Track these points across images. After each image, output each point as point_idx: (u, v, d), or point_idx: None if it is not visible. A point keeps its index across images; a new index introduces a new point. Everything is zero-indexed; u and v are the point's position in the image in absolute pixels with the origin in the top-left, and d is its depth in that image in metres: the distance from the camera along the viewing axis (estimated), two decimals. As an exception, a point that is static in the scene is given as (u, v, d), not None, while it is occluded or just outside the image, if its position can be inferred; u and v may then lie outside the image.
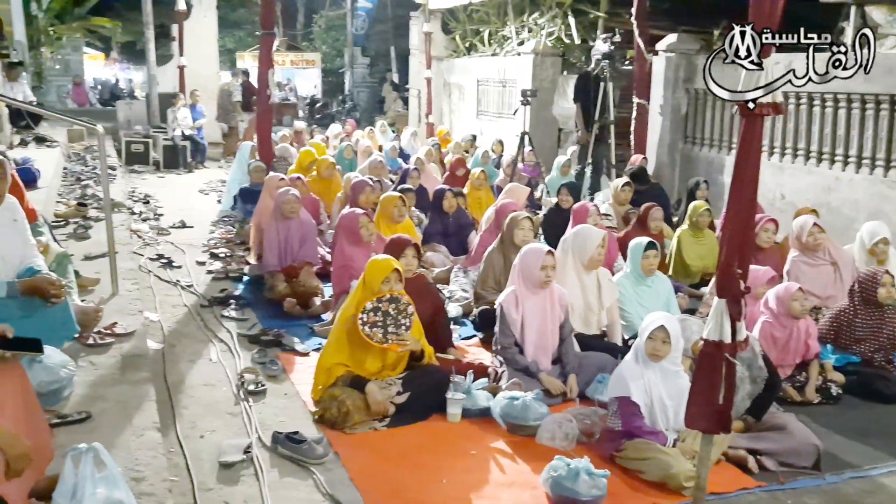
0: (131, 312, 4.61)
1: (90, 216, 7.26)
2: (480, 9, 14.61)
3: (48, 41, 20.42)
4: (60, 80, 20.16)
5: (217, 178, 12.06)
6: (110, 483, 2.32)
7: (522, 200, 6.83)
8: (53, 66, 20.93)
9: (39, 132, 10.48)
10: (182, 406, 3.93)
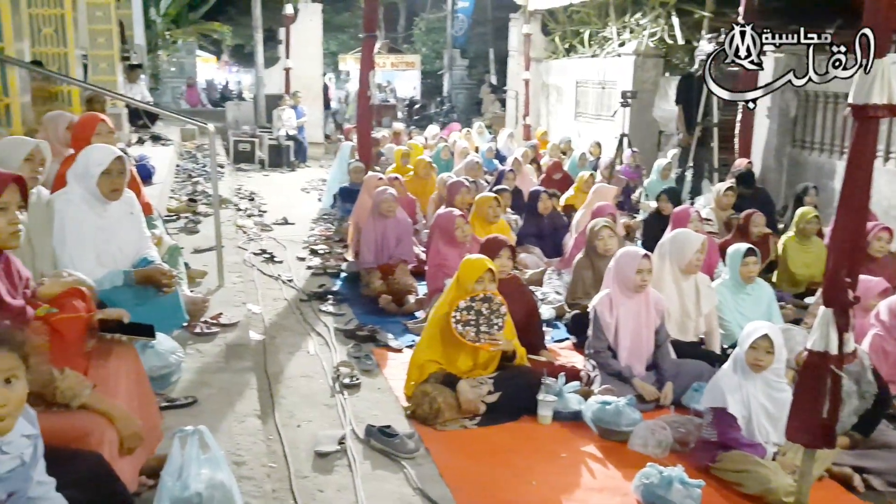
0: (236, 304, 4.81)
1: (199, 211, 7.59)
2: (581, 10, 14.46)
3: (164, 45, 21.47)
4: (175, 81, 21.15)
5: (318, 177, 12.40)
6: (214, 465, 2.43)
7: (611, 200, 6.72)
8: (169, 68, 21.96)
9: (155, 131, 11.03)
10: (280, 396, 4.07)
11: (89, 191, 3.47)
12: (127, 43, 11.78)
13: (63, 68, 6.31)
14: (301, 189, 11.38)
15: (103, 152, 3.47)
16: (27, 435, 1.88)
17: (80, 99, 6.67)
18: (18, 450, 1.84)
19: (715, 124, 8.73)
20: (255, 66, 15.03)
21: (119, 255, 3.59)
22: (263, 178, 12.39)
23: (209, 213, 7.63)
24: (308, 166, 13.80)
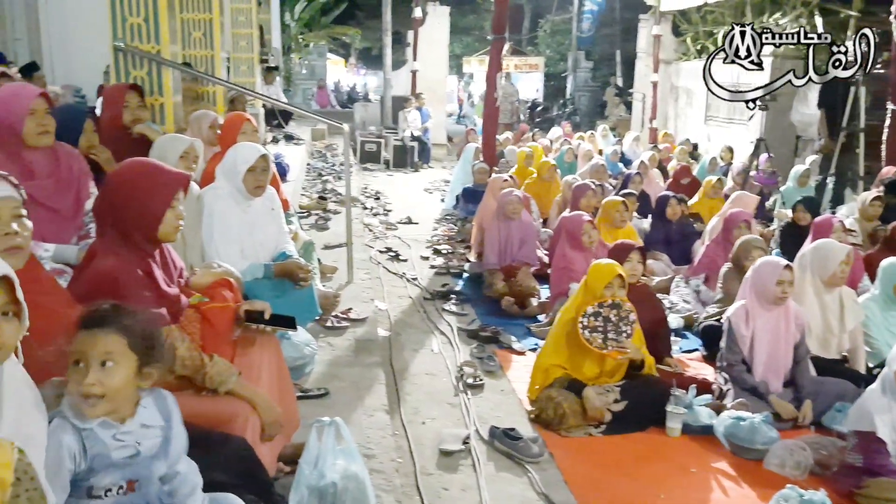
0: (364, 300, 4.93)
1: (329, 209, 7.84)
2: (716, 9, 13.97)
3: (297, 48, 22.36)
4: (306, 83, 21.95)
5: (440, 178, 12.56)
6: (348, 456, 2.49)
7: (751, 210, 6.44)
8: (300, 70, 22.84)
9: (288, 131, 11.48)
10: (406, 392, 4.13)
11: (236, 187, 3.64)
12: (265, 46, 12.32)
13: (209, 70, 6.67)
14: (424, 189, 11.56)
15: (250, 150, 3.64)
16: (148, 425, 1.85)
17: (224, 99, 7.03)
18: (135, 439, 1.80)
19: (861, 129, 8.22)
20: (383, 68, 15.38)
21: (260, 249, 3.75)
22: (388, 177, 12.65)
23: (338, 211, 7.88)
24: (431, 167, 13.99)
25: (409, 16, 16.08)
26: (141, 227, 2.48)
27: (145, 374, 1.84)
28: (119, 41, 4.61)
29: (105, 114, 3.97)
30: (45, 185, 3.08)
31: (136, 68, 4.71)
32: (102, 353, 1.74)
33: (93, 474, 1.73)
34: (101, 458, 1.74)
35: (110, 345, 1.75)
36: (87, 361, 1.73)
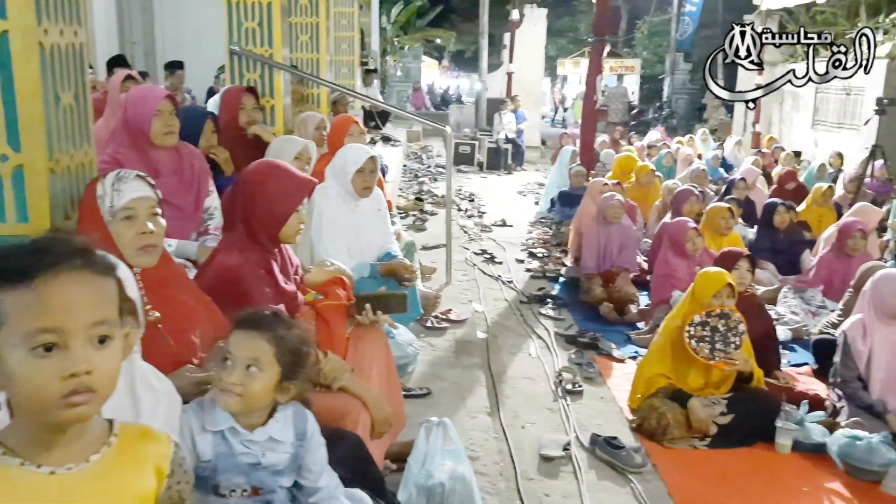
0: (462, 301, 4.96)
1: (426, 210, 7.92)
2: (826, 9, 13.39)
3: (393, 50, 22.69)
4: (401, 85, 22.24)
5: (534, 180, 12.50)
6: (456, 457, 2.51)
7: (872, 224, 6.13)
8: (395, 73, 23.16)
9: (385, 132, 11.66)
10: (504, 395, 4.13)
11: (344, 187, 3.73)
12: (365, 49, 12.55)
13: (314, 72, 6.84)
14: (518, 192, 11.53)
15: (359, 152, 3.72)
16: (277, 440, 1.82)
17: (327, 101, 7.20)
18: (260, 450, 1.79)
19: None
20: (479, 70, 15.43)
21: (366, 249, 3.83)
22: (481, 179, 12.68)
23: (434, 212, 7.95)
24: (524, 169, 13.95)
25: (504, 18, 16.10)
26: (265, 228, 2.58)
27: (284, 388, 1.82)
28: (234, 44, 4.78)
29: (223, 115, 4.13)
30: (169, 183, 3.22)
31: (250, 71, 4.87)
32: (250, 357, 1.76)
33: (218, 472, 1.76)
34: (225, 458, 1.76)
35: (258, 351, 1.76)
36: (234, 361, 1.76)
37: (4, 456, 1.07)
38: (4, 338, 1.04)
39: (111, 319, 1.10)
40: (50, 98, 2.04)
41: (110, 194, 2.00)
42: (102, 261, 1.12)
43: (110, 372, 1.09)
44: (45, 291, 1.04)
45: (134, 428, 1.22)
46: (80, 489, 1.10)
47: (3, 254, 1.07)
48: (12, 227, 2.03)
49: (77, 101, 2.20)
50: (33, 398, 1.04)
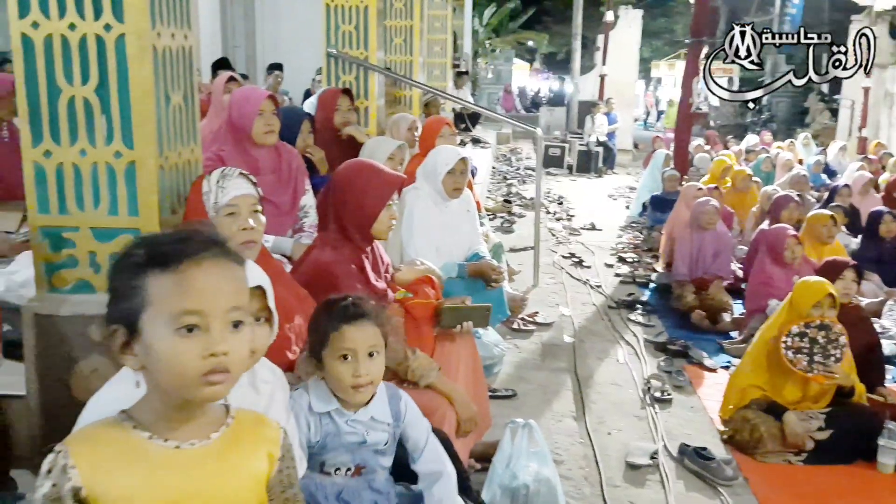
0: (549, 305, 4.93)
1: (514, 212, 7.91)
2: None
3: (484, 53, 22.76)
4: (492, 88, 22.28)
5: (625, 184, 12.31)
6: (541, 459, 2.50)
7: None
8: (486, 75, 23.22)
9: (475, 134, 11.70)
10: (591, 400, 4.08)
11: (435, 188, 3.76)
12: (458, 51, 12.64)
13: (408, 75, 6.93)
14: (608, 195, 11.37)
15: (450, 153, 3.75)
16: (377, 420, 1.91)
17: (419, 103, 7.29)
18: (364, 428, 1.87)
19: None
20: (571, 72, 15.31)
21: (455, 249, 3.85)
22: (571, 182, 12.57)
23: (523, 214, 7.94)
24: (615, 173, 13.75)
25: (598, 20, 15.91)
26: (357, 224, 2.64)
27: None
28: (331, 47, 4.91)
29: (319, 116, 4.24)
30: (268, 181, 3.33)
31: (346, 73, 4.99)
32: (370, 345, 1.83)
33: (325, 451, 1.85)
34: (332, 437, 1.85)
35: (374, 337, 1.84)
36: (355, 354, 1.81)
37: (135, 429, 1.15)
38: (151, 318, 1.11)
39: (244, 306, 1.16)
40: (161, 98, 2.15)
41: (215, 191, 2.09)
42: (236, 252, 1.20)
43: (242, 354, 1.16)
44: (190, 276, 1.11)
45: (249, 413, 1.28)
46: (201, 464, 1.17)
47: (151, 241, 1.15)
48: (124, 220, 2.15)
49: (185, 101, 2.31)
50: (175, 375, 1.11)
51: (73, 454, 1.11)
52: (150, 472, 1.13)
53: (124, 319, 1.13)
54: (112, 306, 1.15)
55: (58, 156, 2.11)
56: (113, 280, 1.16)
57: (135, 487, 1.12)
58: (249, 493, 1.22)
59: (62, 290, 2.20)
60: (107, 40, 2.04)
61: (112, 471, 1.12)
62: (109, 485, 1.11)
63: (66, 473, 1.10)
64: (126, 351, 1.14)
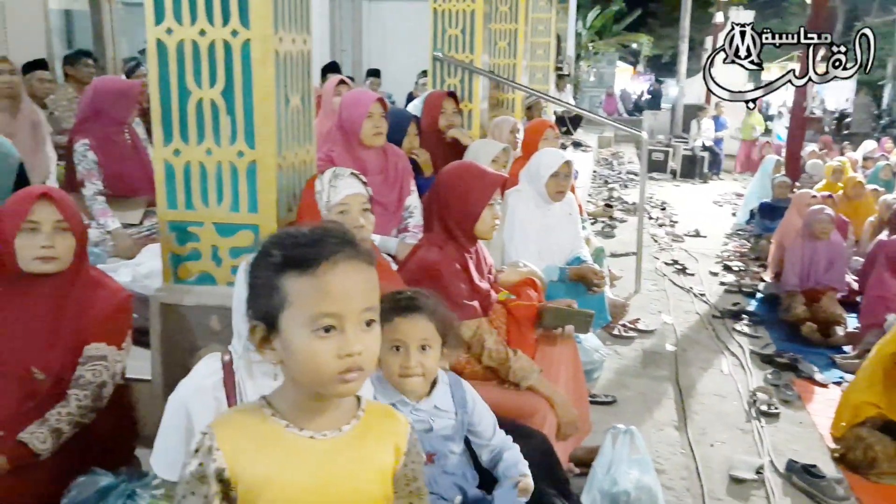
0: (651, 312, 4.85)
1: (615, 217, 7.80)
2: None
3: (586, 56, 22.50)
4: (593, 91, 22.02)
5: (731, 190, 11.94)
6: (642, 467, 2.47)
7: None
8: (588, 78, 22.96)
9: (576, 137, 11.59)
10: (693, 411, 3.99)
11: (537, 191, 3.77)
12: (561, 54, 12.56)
13: (511, 78, 6.95)
14: (713, 202, 11.05)
15: (554, 156, 3.75)
16: (441, 409, 1.96)
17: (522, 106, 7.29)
18: (429, 416, 1.93)
19: None
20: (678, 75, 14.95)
21: (556, 252, 3.84)
22: (674, 188, 12.28)
23: (624, 219, 7.82)
24: (721, 179, 13.34)
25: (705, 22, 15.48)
26: (460, 224, 2.67)
27: (445, 356, 1.96)
28: (438, 51, 4.98)
29: (424, 118, 4.31)
30: (375, 182, 3.41)
31: (451, 76, 5.06)
32: (421, 338, 1.87)
33: None
34: None
35: (427, 330, 1.87)
36: (406, 346, 1.86)
37: (273, 417, 1.21)
38: (290, 318, 1.16)
39: (376, 305, 1.20)
40: (281, 100, 2.25)
41: (327, 190, 2.17)
42: (367, 251, 1.22)
43: (374, 352, 1.20)
44: (327, 279, 1.15)
45: (378, 406, 1.33)
46: (333, 454, 1.21)
47: (287, 242, 1.19)
48: (244, 217, 2.27)
49: (303, 103, 2.40)
50: (312, 373, 1.16)
51: (218, 437, 1.18)
52: (287, 459, 1.19)
53: (264, 317, 1.19)
54: (252, 303, 1.21)
55: (185, 154, 2.24)
56: (252, 278, 1.21)
57: (272, 472, 1.18)
58: (376, 484, 1.26)
59: (186, 282, 2.33)
60: (233, 45, 2.15)
61: (252, 455, 1.18)
62: (250, 468, 1.17)
63: (211, 454, 1.17)
64: (265, 345, 1.20)
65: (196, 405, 1.73)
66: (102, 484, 1.97)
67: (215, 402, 1.73)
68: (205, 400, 1.73)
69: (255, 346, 1.21)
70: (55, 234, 2.09)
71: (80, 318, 2.13)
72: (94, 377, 2.08)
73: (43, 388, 2.09)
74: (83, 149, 3.85)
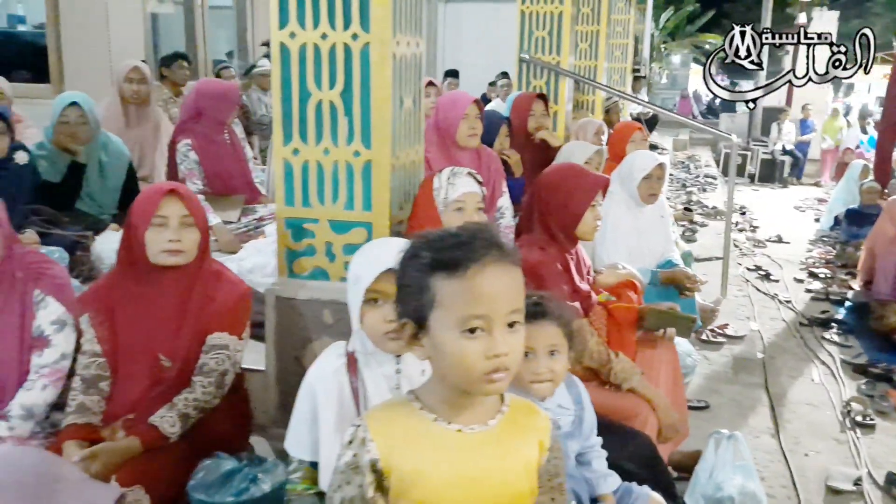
0: (739, 318, 4.77)
1: (695, 221, 7.69)
2: None
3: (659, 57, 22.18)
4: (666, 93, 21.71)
5: (813, 195, 11.61)
6: (746, 473, 2.45)
7: None
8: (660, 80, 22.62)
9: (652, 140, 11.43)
10: (784, 419, 3.90)
11: (629, 193, 3.76)
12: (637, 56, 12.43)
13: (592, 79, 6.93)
14: (794, 207, 10.76)
15: (647, 158, 3.73)
16: (563, 406, 2.01)
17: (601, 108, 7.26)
18: (553, 415, 1.93)
19: None
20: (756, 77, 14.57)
21: (647, 255, 3.83)
22: (752, 192, 12.00)
23: (705, 224, 7.70)
24: (802, 184, 12.98)
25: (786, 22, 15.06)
26: (562, 225, 2.69)
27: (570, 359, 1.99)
28: (524, 53, 5.01)
29: (513, 119, 4.34)
30: (469, 183, 3.47)
31: (536, 78, 5.08)
32: (550, 344, 1.89)
33: None
34: None
35: (555, 336, 1.90)
36: (535, 352, 1.88)
37: (422, 410, 1.26)
38: (438, 318, 1.20)
39: (521, 307, 1.22)
40: (396, 102, 2.31)
41: (445, 187, 2.22)
42: (514, 252, 1.24)
43: (519, 353, 1.22)
44: (476, 282, 1.17)
45: (522, 402, 1.36)
46: (481, 448, 1.25)
47: (437, 245, 1.22)
48: (358, 215, 2.34)
49: (414, 104, 2.46)
50: (460, 372, 1.20)
51: (371, 429, 1.23)
52: (436, 452, 1.23)
53: (413, 315, 1.23)
54: (402, 301, 1.25)
55: (304, 154, 2.33)
56: (402, 277, 1.25)
57: (423, 464, 1.22)
58: (522, 478, 1.29)
59: (301, 276, 2.42)
60: (353, 48, 2.23)
61: (403, 447, 1.23)
62: (402, 459, 1.22)
63: (364, 445, 1.22)
64: (414, 342, 1.24)
65: (321, 389, 1.81)
66: (227, 467, 2.06)
67: (338, 386, 1.81)
68: (329, 384, 1.81)
69: (405, 342, 1.26)
70: (182, 228, 2.19)
71: (203, 309, 2.23)
72: (217, 365, 2.18)
73: (169, 374, 2.20)
74: (185, 148, 4.01)
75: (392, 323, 1.68)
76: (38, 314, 2.20)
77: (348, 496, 1.23)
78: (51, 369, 2.20)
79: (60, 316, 2.23)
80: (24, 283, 2.20)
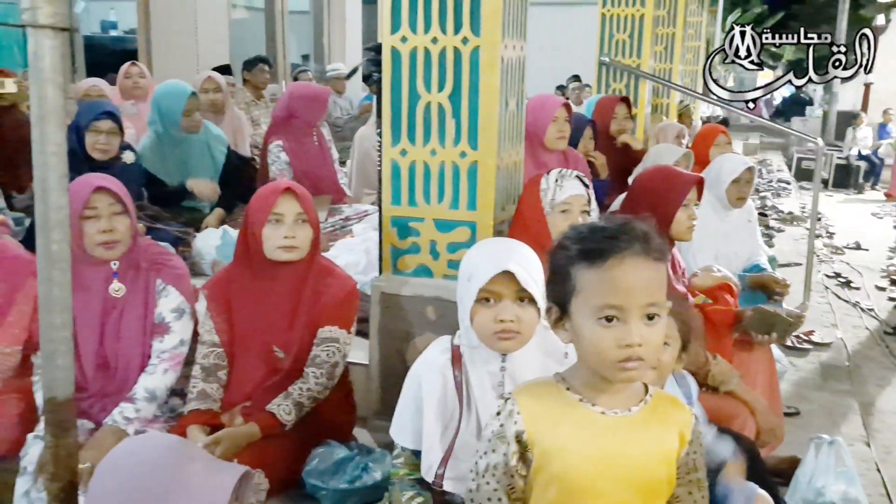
0: (824, 324, 4.69)
1: (771, 226, 7.56)
2: None
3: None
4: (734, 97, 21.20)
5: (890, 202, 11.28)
6: (848, 480, 2.42)
7: None
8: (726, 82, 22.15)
9: (722, 144, 11.25)
10: (874, 429, 3.82)
11: (717, 196, 3.72)
12: (709, 58, 12.23)
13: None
14: (871, 213, 10.48)
15: (737, 162, 3.70)
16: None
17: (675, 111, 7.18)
18: None
19: None
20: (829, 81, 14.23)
21: (733, 259, 3.78)
22: (826, 197, 11.70)
23: (781, 229, 7.56)
24: (878, 190, 12.61)
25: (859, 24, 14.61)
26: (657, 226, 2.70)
27: (681, 358, 2.03)
28: (604, 56, 5.01)
29: (598, 123, 4.35)
30: (557, 185, 3.50)
31: (616, 81, 5.07)
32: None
33: None
34: None
35: (667, 328, 1.87)
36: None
37: (568, 391, 1.32)
38: (578, 305, 1.27)
39: (660, 301, 1.27)
40: (502, 104, 2.36)
41: (553, 188, 2.26)
42: (659, 247, 1.28)
43: (656, 345, 1.27)
44: (614, 273, 1.23)
45: (665, 395, 1.40)
46: (622, 431, 1.30)
47: (583, 235, 1.30)
48: (463, 214, 2.40)
49: (517, 106, 2.51)
50: (595, 357, 1.27)
51: (519, 402, 1.31)
52: (579, 430, 1.29)
53: (557, 301, 1.31)
54: (549, 288, 1.35)
55: (411, 154, 2.39)
56: (551, 265, 1.33)
57: (566, 440, 1.28)
58: (660, 465, 1.32)
59: (405, 273, 2.48)
60: (463, 52, 2.28)
61: (548, 422, 1.29)
62: (546, 434, 1.28)
63: (512, 417, 1.30)
64: (559, 326, 1.32)
65: (426, 381, 1.86)
66: (339, 455, 2.13)
67: (443, 378, 1.86)
68: (434, 377, 1.86)
69: (550, 325, 1.33)
70: (296, 225, 2.28)
71: (315, 303, 2.31)
72: (328, 357, 2.26)
73: (283, 365, 2.29)
74: (277, 149, 4.13)
75: (502, 323, 1.73)
76: (160, 302, 2.32)
77: (493, 462, 1.30)
78: (170, 354, 2.31)
79: (180, 304, 2.34)
80: (148, 273, 2.33)
